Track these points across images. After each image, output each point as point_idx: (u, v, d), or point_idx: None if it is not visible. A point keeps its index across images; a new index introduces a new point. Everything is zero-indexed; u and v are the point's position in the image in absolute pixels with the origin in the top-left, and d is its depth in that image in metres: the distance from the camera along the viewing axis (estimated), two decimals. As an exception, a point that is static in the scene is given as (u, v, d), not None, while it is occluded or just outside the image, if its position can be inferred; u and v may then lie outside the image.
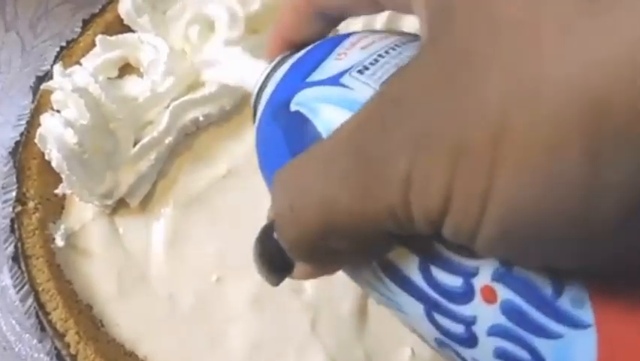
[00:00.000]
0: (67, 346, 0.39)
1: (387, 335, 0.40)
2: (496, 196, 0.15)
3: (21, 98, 0.49)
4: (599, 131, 0.14)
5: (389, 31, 0.25)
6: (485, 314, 0.19)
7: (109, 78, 0.47)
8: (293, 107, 0.23)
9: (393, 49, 0.23)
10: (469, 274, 0.19)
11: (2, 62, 0.55)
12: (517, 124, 0.15)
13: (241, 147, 0.45)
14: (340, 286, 0.41)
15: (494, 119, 0.15)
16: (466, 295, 0.20)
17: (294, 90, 0.23)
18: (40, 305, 0.39)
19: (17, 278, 0.40)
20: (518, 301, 0.19)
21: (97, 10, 0.50)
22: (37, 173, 0.44)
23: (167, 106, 0.44)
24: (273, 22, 0.27)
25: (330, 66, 0.23)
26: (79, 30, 0.49)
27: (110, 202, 0.42)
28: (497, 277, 0.19)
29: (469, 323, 0.20)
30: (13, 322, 0.43)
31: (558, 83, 0.14)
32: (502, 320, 0.19)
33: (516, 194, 0.15)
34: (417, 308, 0.21)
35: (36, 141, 0.43)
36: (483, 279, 0.19)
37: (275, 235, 0.22)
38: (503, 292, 0.19)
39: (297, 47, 0.26)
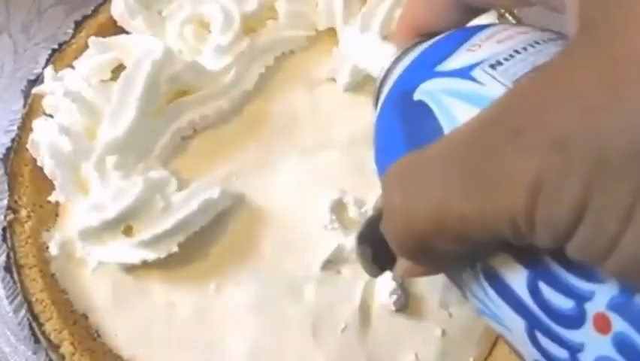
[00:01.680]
0: (62, 357, 0.38)
1: (390, 340, 0.40)
2: None
3: (13, 102, 0.48)
4: None
5: (531, 26, 0.23)
6: (595, 344, 0.18)
7: (102, 80, 0.46)
8: (417, 96, 0.22)
9: (533, 46, 0.21)
10: (582, 298, 0.18)
11: (-6, 65, 0.54)
12: None
13: (240, 152, 0.44)
14: (341, 291, 0.41)
15: None
16: (576, 319, 0.18)
17: (421, 78, 0.22)
18: (34, 316, 0.38)
19: (10, 289, 0.39)
20: (634, 336, 0.17)
21: (89, 12, 0.49)
22: (30, 180, 0.43)
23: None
24: (403, 8, 0.26)
25: (462, 57, 0.22)
26: (71, 32, 0.48)
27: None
28: (614, 306, 0.17)
29: (575, 350, 0.18)
30: (8, 333, 0.42)
31: None
32: (612, 353, 0.17)
33: None
34: (518, 324, 0.20)
35: (28, 146, 0.42)
36: (597, 305, 0.18)
37: (381, 228, 0.21)
38: (618, 324, 0.17)
39: (428, 36, 0.25)
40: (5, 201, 0.42)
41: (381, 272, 0.23)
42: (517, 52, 0.21)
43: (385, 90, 0.25)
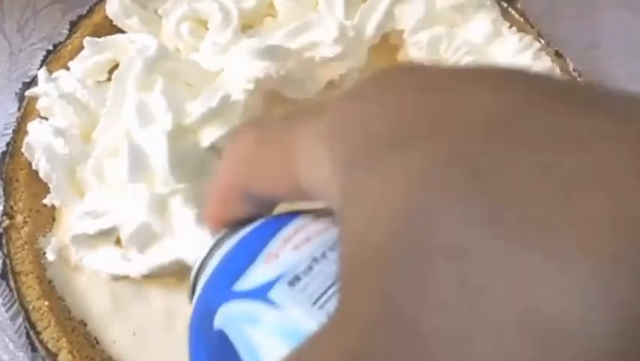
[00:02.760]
0: (60, 366, 0.37)
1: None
2: None
3: (9, 105, 0.47)
4: None
5: (330, 216, 0.20)
6: None
7: (98, 82, 0.45)
8: (217, 323, 0.19)
9: (332, 250, 0.18)
10: None
11: (-11, 66, 0.53)
12: None
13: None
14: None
15: None
16: None
17: (219, 301, 0.19)
18: (31, 324, 0.38)
19: (6, 296, 0.39)
20: None
21: (85, 12, 0.48)
22: (25, 184, 0.42)
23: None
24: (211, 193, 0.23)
25: (258, 272, 0.19)
26: (66, 32, 0.47)
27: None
28: None
29: None
30: (7, 340, 0.42)
31: None
32: None
33: None
34: None
35: (23, 150, 0.42)
36: None
37: None
38: None
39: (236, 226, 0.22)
40: (0, 207, 0.41)
41: None
42: (315, 261, 0.18)
43: (197, 292, 0.21)
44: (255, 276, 0.19)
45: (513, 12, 0.48)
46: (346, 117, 0.16)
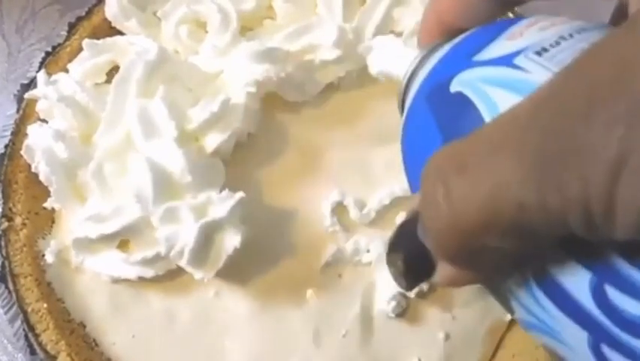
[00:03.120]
0: (60, 368, 0.37)
1: (393, 345, 0.39)
2: None
3: (7, 106, 0.47)
4: None
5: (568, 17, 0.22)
6: None
7: (97, 84, 0.45)
8: (454, 88, 0.20)
9: (579, 32, 0.20)
10: None
11: (-13, 67, 0.53)
12: None
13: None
14: (342, 295, 0.40)
15: None
16: None
17: (457, 69, 0.21)
18: (30, 327, 0.38)
19: (5, 299, 0.39)
20: None
21: (83, 13, 0.48)
22: (24, 187, 0.42)
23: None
24: (428, 5, 0.24)
25: (502, 46, 0.20)
26: (65, 34, 0.47)
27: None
28: None
29: None
30: (5, 341, 0.42)
31: None
32: None
33: None
34: (579, 338, 0.17)
35: (22, 153, 0.42)
36: None
37: (419, 231, 0.19)
38: None
39: (454, 34, 0.23)
40: (-1, 209, 0.41)
41: (415, 284, 0.21)
42: (563, 38, 0.20)
43: (413, 88, 0.23)
44: (498, 48, 0.21)
45: (510, 15, 0.48)
46: None
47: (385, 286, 0.39)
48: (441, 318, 0.40)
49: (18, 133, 0.43)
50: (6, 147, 0.43)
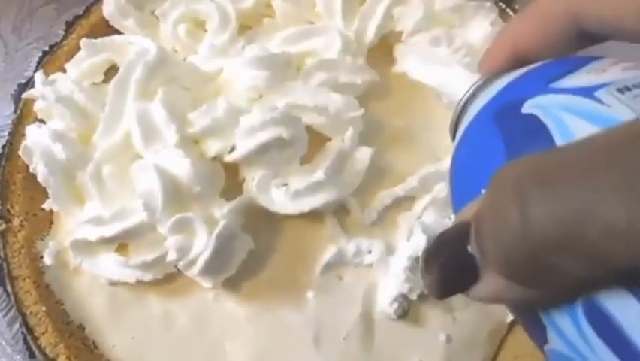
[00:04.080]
0: (58, 371, 0.37)
1: (394, 347, 0.39)
2: None
3: (4, 106, 0.47)
4: None
5: None
6: None
7: (94, 83, 0.44)
8: (526, 110, 0.21)
9: None
10: None
11: (-16, 67, 0.53)
12: None
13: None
14: (343, 297, 0.40)
15: None
16: None
17: (532, 93, 0.21)
18: (29, 330, 0.38)
19: (3, 301, 0.38)
20: None
21: (81, 12, 0.48)
22: (22, 188, 0.42)
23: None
24: (504, 27, 0.24)
25: (583, 78, 0.21)
26: (62, 33, 0.47)
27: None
28: None
29: None
30: (4, 344, 0.41)
31: None
32: None
33: None
34: None
35: (20, 153, 0.41)
36: None
37: (471, 241, 0.18)
38: None
39: (521, 64, 0.23)
40: (-3, 211, 0.41)
41: (450, 294, 0.20)
42: None
43: (475, 107, 0.23)
44: (579, 79, 0.21)
45: (511, 13, 0.48)
46: None
47: (386, 288, 0.39)
48: (442, 320, 0.39)
49: (15, 133, 0.43)
50: (3, 147, 0.43)
